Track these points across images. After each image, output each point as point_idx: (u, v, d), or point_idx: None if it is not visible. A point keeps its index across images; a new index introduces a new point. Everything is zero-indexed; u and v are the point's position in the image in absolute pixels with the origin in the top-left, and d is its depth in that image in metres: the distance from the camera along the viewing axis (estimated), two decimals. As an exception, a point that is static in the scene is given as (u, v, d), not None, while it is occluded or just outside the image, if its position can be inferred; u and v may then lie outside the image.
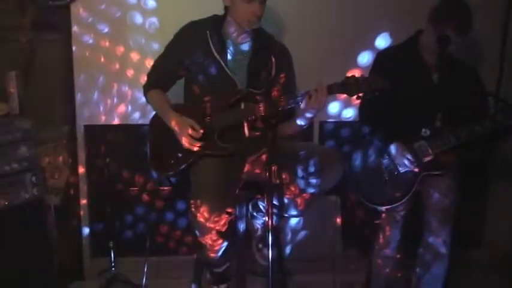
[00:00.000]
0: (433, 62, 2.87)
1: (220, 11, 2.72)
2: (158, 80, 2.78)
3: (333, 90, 2.42)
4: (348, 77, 2.42)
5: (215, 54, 2.63)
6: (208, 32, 2.66)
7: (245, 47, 2.71)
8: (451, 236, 2.86)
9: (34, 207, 3.04)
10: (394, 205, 2.86)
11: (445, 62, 2.82)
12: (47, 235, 3.14)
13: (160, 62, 2.81)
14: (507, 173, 3.88)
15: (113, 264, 3.46)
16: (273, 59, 2.60)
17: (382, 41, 3.60)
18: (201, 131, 2.56)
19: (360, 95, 2.41)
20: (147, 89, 2.80)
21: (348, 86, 2.40)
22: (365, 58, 3.60)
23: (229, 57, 2.67)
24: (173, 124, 2.61)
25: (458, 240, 2.94)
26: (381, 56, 3.01)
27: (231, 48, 2.69)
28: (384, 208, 2.90)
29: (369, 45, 3.60)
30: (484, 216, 4.10)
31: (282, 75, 2.68)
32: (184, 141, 2.57)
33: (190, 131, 2.54)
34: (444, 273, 2.91)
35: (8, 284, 2.90)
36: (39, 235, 3.07)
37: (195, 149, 2.56)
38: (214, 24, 2.69)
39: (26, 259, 2.97)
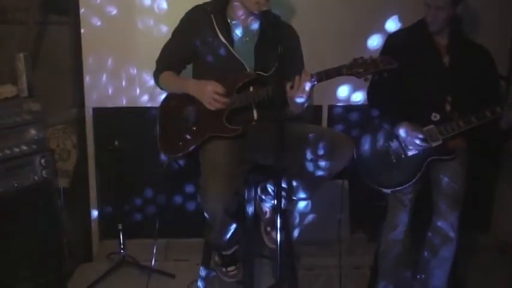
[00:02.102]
0: (444, 43, 2.85)
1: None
2: (168, 64, 2.76)
3: (331, 75, 2.41)
4: (356, 59, 2.40)
5: (221, 37, 2.61)
6: (212, 15, 2.64)
7: (253, 29, 2.70)
8: (459, 220, 2.86)
9: (43, 190, 3.05)
10: (400, 188, 2.85)
11: (456, 44, 2.79)
12: (56, 217, 3.16)
13: (168, 47, 2.78)
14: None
15: (121, 246, 3.48)
16: (281, 41, 2.58)
17: (392, 24, 3.56)
18: (224, 89, 2.55)
19: (368, 76, 2.40)
20: (157, 74, 2.77)
21: (356, 68, 2.39)
22: (375, 41, 3.57)
23: (236, 40, 2.65)
24: (195, 89, 2.60)
25: (467, 224, 2.94)
26: (391, 39, 2.99)
27: (237, 31, 2.67)
28: (390, 191, 2.90)
29: (379, 28, 3.57)
30: (492, 200, 4.10)
31: (290, 57, 2.66)
32: (209, 102, 2.55)
33: (212, 87, 2.53)
34: (452, 257, 2.91)
35: (17, 265, 2.93)
36: (48, 217, 3.08)
37: (222, 105, 2.54)
38: (219, 8, 2.67)
39: (35, 241, 2.99)
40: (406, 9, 3.44)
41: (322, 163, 2.50)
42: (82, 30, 3.41)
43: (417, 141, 2.79)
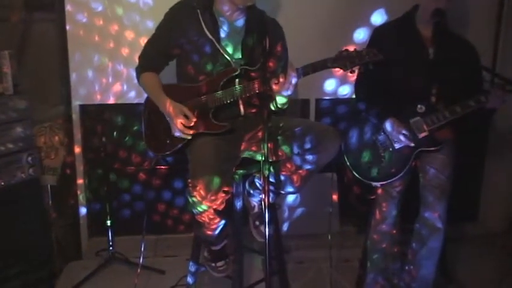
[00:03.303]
0: (429, 36, 2.87)
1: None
2: (150, 62, 2.74)
3: (317, 69, 2.42)
4: (341, 51, 2.41)
5: (207, 33, 2.60)
6: (199, 11, 2.63)
7: (238, 24, 2.69)
8: (446, 210, 2.88)
9: (31, 188, 3.05)
10: (389, 181, 2.87)
11: (441, 36, 2.82)
12: (44, 215, 3.15)
13: (151, 43, 2.75)
14: (502, 149, 3.90)
15: (110, 243, 3.48)
16: (266, 35, 2.57)
17: (378, 17, 3.58)
18: (194, 120, 2.55)
19: (354, 69, 2.41)
20: (139, 71, 2.74)
21: (341, 60, 2.40)
22: (361, 34, 3.58)
23: (222, 35, 2.64)
24: (166, 111, 2.58)
25: (455, 215, 2.97)
26: (377, 32, 3.00)
27: (224, 26, 2.66)
28: (379, 184, 2.91)
29: (365, 22, 3.58)
30: (480, 191, 4.13)
31: (276, 51, 2.67)
32: (176, 130, 2.55)
33: (182, 120, 2.53)
34: (440, 247, 2.93)
35: (6, 263, 2.92)
36: (36, 215, 3.08)
37: (188, 137, 2.55)
38: (205, 3, 2.66)
39: (23, 239, 2.98)
40: (392, 2, 3.46)
41: (309, 156, 2.51)
42: (68, 27, 3.39)
43: (401, 138, 2.82)
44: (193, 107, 2.57)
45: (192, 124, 2.54)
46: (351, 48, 2.43)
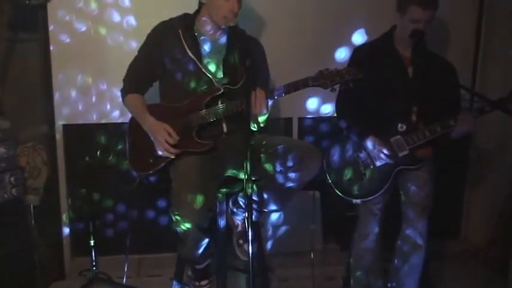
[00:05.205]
0: (408, 55, 2.92)
1: (193, 10, 2.74)
2: (134, 84, 2.78)
3: (298, 87, 2.46)
4: (322, 70, 2.46)
5: (189, 53, 2.64)
6: (180, 31, 2.66)
7: (220, 43, 2.73)
8: (427, 227, 2.91)
9: (13, 208, 3.02)
10: (370, 198, 2.90)
11: (419, 56, 2.87)
12: (26, 235, 3.12)
13: (134, 65, 2.79)
14: (484, 166, 3.94)
15: (94, 263, 3.45)
16: (248, 54, 2.61)
17: (359, 37, 3.64)
18: (177, 138, 2.57)
19: (335, 87, 2.46)
20: (124, 94, 2.79)
21: (322, 79, 2.44)
22: (342, 54, 3.63)
23: (203, 55, 2.68)
24: (149, 129, 2.62)
25: (437, 231, 3.00)
26: (358, 51, 3.04)
27: (205, 46, 2.70)
28: (360, 201, 2.94)
29: (346, 41, 3.64)
30: (461, 207, 4.17)
31: (257, 70, 2.70)
32: (160, 148, 2.57)
33: (166, 138, 2.56)
34: (422, 264, 2.95)
35: (-12, 284, 2.90)
36: (19, 235, 3.05)
37: (171, 156, 2.57)
38: (186, 23, 2.70)
39: (6, 260, 2.95)
40: (372, 22, 3.52)
41: (292, 174, 2.54)
42: (51, 47, 3.40)
43: (382, 156, 2.85)
44: (176, 126, 2.59)
45: (175, 142, 2.56)
46: (332, 67, 2.48)
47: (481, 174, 3.98)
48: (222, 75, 2.68)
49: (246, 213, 2.20)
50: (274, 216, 3.80)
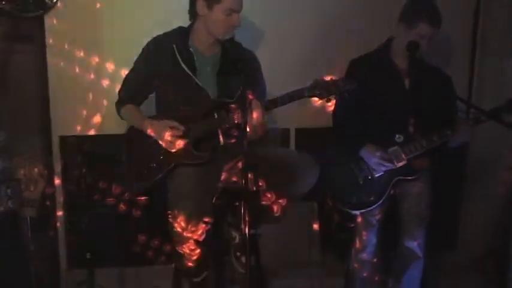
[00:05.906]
0: (404, 67, 2.92)
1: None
2: (130, 96, 2.78)
3: (293, 98, 2.46)
4: (318, 80, 2.46)
5: (184, 67, 2.63)
6: (174, 45, 2.66)
7: (215, 56, 2.73)
8: (426, 238, 2.91)
9: (9, 220, 3.00)
10: (368, 209, 2.90)
11: (416, 67, 2.87)
12: (23, 247, 3.11)
13: (130, 78, 2.79)
14: (481, 176, 3.94)
15: (90, 275, 3.43)
16: (243, 66, 2.61)
17: (355, 49, 3.61)
18: (182, 128, 2.56)
19: (331, 97, 2.46)
20: (119, 106, 2.79)
21: (318, 89, 2.44)
22: (338, 66, 3.62)
23: (198, 68, 2.67)
24: (151, 129, 2.61)
25: (435, 242, 2.99)
26: (354, 63, 3.05)
27: (200, 59, 2.69)
28: (358, 212, 2.93)
29: (342, 53, 3.62)
30: (459, 219, 4.16)
31: (252, 81, 2.70)
32: (166, 143, 2.56)
33: (171, 131, 2.54)
34: (420, 275, 2.96)
35: (-16, 297, 2.88)
36: (15, 247, 3.03)
37: (180, 146, 2.55)
38: (181, 36, 2.69)
39: (2, 272, 2.94)
40: (368, 34, 3.52)
41: (288, 185, 2.53)
42: (48, 59, 3.39)
43: (380, 167, 2.85)
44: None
45: (181, 133, 2.54)
46: (328, 78, 2.48)
47: (478, 185, 3.97)
48: (217, 88, 2.67)
49: (243, 226, 2.19)
50: (272, 228, 3.77)
